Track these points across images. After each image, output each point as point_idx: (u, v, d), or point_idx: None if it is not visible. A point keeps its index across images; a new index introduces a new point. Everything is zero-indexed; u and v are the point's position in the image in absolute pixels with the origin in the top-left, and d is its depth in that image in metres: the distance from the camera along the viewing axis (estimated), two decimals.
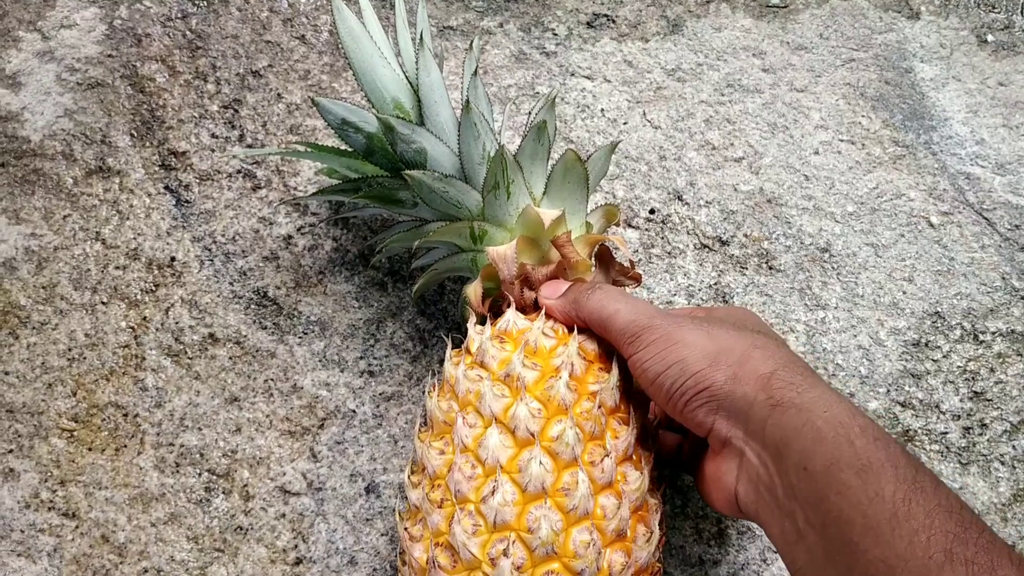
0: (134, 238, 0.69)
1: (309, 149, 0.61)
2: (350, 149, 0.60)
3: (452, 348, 0.56)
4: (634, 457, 0.51)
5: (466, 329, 0.55)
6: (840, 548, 0.40)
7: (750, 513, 0.47)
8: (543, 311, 0.54)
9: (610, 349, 0.53)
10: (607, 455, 0.49)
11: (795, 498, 0.42)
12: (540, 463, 0.48)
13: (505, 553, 0.47)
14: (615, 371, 0.52)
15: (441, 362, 0.65)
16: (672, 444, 0.57)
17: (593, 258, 0.58)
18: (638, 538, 0.50)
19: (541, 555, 0.47)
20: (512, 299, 0.55)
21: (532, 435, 0.49)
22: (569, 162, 0.56)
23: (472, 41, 0.60)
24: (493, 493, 0.48)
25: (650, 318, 0.49)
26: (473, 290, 0.57)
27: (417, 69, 0.57)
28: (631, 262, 0.60)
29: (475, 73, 0.58)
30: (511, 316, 0.54)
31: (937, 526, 0.37)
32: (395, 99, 0.59)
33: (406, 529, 0.52)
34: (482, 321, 0.56)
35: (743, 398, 0.46)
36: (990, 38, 0.77)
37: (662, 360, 0.48)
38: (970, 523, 0.38)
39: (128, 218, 0.70)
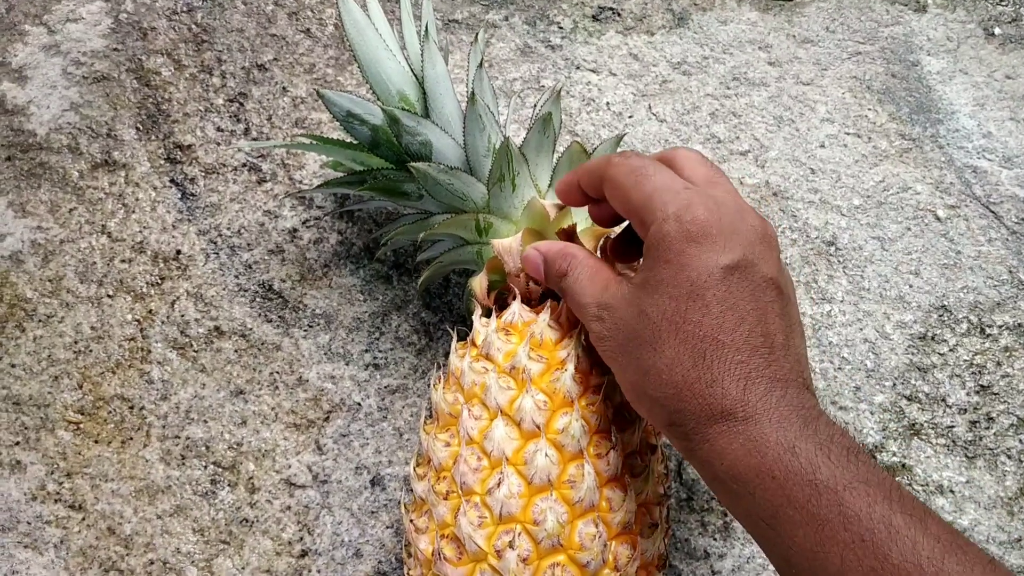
0: (140, 231, 0.69)
1: (314, 142, 0.61)
2: (355, 142, 0.60)
3: (457, 341, 0.56)
4: (641, 450, 0.51)
5: (471, 322, 0.55)
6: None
7: None
8: (548, 304, 0.54)
9: None
10: (613, 448, 0.49)
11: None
12: (546, 455, 0.48)
13: (511, 545, 0.47)
14: None
15: (446, 355, 0.65)
16: None
17: (599, 251, 0.58)
18: (644, 530, 0.50)
19: (547, 547, 0.47)
20: (518, 292, 0.55)
21: (538, 427, 0.49)
22: (575, 154, 0.56)
23: (477, 33, 0.60)
24: (499, 485, 0.48)
25: (592, 320, 0.48)
26: (478, 283, 0.57)
27: (422, 62, 0.56)
28: None
29: (480, 65, 0.57)
30: (516, 309, 0.54)
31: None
32: (400, 92, 0.59)
33: (412, 521, 0.52)
34: (487, 314, 0.56)
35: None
36: (997, 31, 0.77)
37: (616, 371, 0.47)
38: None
39: (134, 211, 0.70)
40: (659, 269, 0.43)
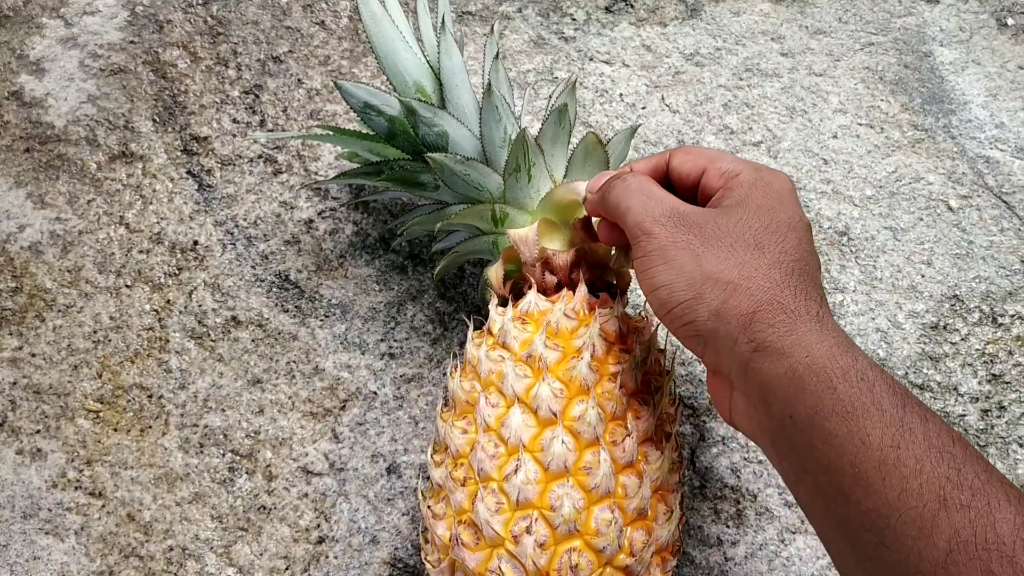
0: (157, 222, 0.70)
1: (331, 133, 0.62)
2: (372, 132, 0.60)
3: (473, 330, 0.56)
4: (655, 438, 0.52)
5: (487, 312, 0.56)
6: (834, 497, 0.39)
7: (752, 439, 0.47)
8: (564, 293, 0.54)
9: (631, 329, 0.54)
10: (628, 435, 0.50)
11: (786, 443, 0.42)
12: (562, 442, 0.48)
13: (528, 531, 0.47)
14: (636, 351, 0.52)
15: (461, 345, 0.66)
16: None
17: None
18: (659, 517, 0.51)
19: (563, 533, 0.48)
20: (534, 281, 0.55)
21: (554, 415, 0.49)
22: (590, 145, 0.56)
23: (493, 25, 0.61)
24: (516, 471, 0.48)
25: (652, 223, 0.48)
26: (494, 272, 0.57)
27: (439, 53, 0.57)
28: None
29: (496, 57, 0.58)
30: (532, 298, 0.54)
31: (928, 471, 0.36)
32: (417, 83, 0.59)
33: (429, 507, 0.53)
34: (503, 303, 0.56)
35: (726, 337, 0.44)
36: (1010, 21, 0.77)
37: (653, 278, 0.47)
38: (964, 462, 0.37)
39: (151, 202, 0.70)
40: (757, 196, 0.48)
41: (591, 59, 0.75)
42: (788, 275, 0.44)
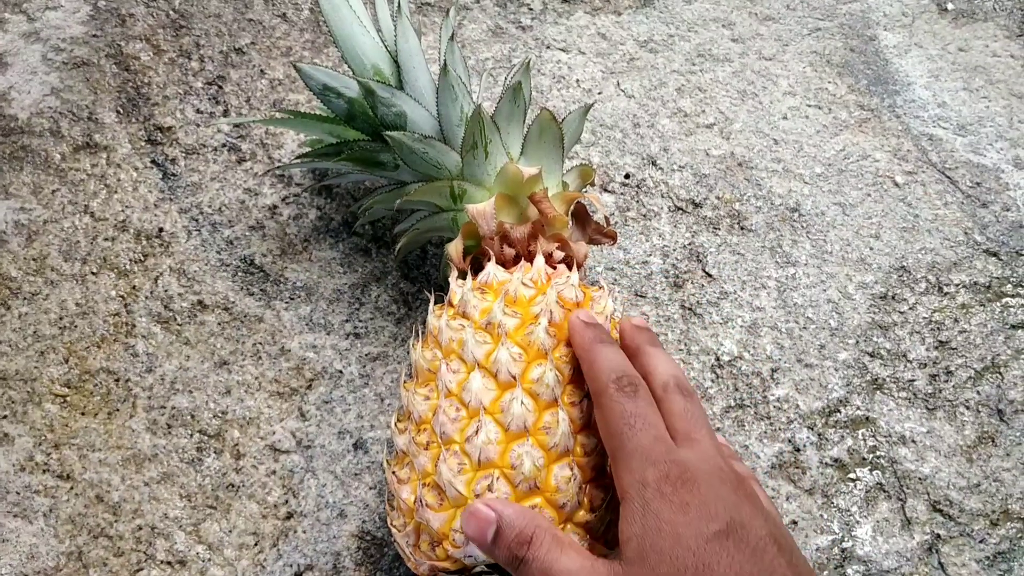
0: (122, 210, 0.70)
1: (291, 117, 0.63)
2: (332, 115, 0.62)
3: (435, 304, 0.58)
4: None
5: (448, 288, 0.57)
6: None
7: None
8: (522, 264, 0.56)
9: (588, 298, 0.55)
10: (585, 396, 0.51)
11: None
12: (522, 403, 0.50)
13: (490, 488, 0.49)
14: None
15: (425, 323, 0.67)
16: None
17: (570, 215, 0.60)
18: None
19: (524, 490, 0.49)
20: (492, 254, 0.57)
21: (513, 378, 0.51)
22: (544, 122, 0.58)
23: (449, 9, 0.62)
24: (477, 433, 0.50)
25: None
26: (454, 247, 0.59)
27: (396, 36, 0.58)
28: (607, 219, 0.62)
29: (452, 38, 0.59)
30: (491, 269, 0.55)
31: None
32: (375, 66, 0.61)
33: (394, 473, 0.54)
34: (463, 276, 0.58)
35: None
36: (950, 6, 0.80)
37: None
38: None
39: (116, 191, 0.71)
40: (652, 539, 0.43)
41: (548, 47, 0.77)
42: None
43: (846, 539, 0.62)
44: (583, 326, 0.52)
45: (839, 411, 0.65)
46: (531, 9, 0.78)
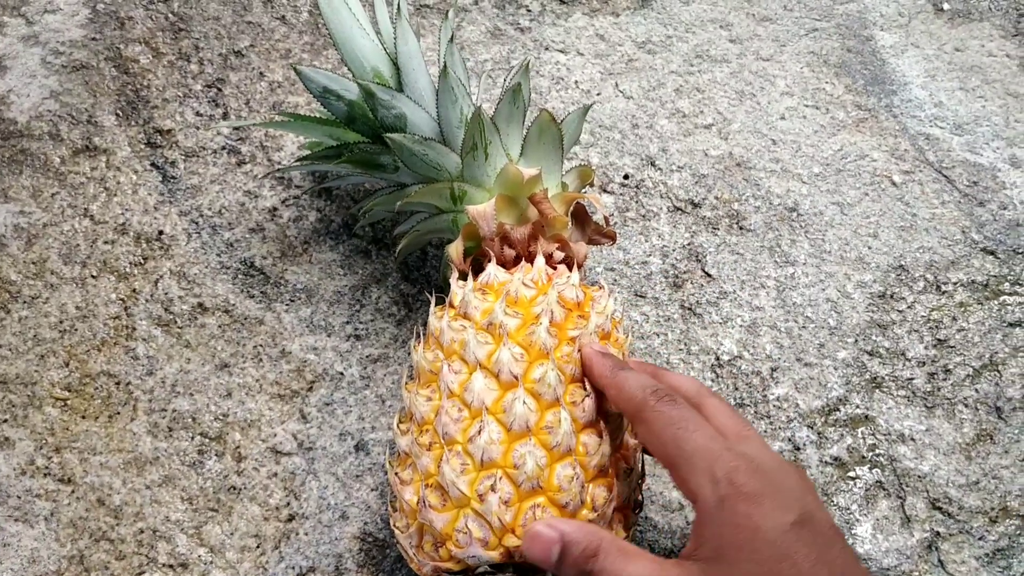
0: (122, 213, 0.70)
1: (291, 120, 0.63)
2: (332, 118, 0.62)
3: (435, 305, 0.58)
4: None
5: (449, 292, 0.57)
6: None
7: None
8: (523, 264, 0.56)
9: (589, 298, 0.56)
10: (588, 396, 0.52)
11: None
12: (524, 403, 0.50)
13: (493, 488, 0.49)
14: (593, 318, 0.54)
15: (425, 324, 0.67)
16: None
17: (570, 216, 0.60)
18: (620, 474, 0.52)
19: (527, 489, 0.49)
20: (493, 255, 0.57)
21: (515, 378, 0.51)
22: (544, 123, 0.58)
23: (448, 11, 0.62)
24: (479, 433, 0.50)
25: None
26: (455, 248, 0.59)
27: (395, 38, 0.59)
28: (606, 220, 0.62)
29: (451, 40, 0.60)
30: (492, 270, 0.56)
31: None
32: (375, 68, 0.61)
33: (396, 474, 0.54)
34: (464, 277, 0.58)
35: None
36: (946, 6, 0.80)
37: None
38: None
39: (115, 194, 0.71)
40: (730, 534, 0.43)
41: (547, 48, 0.77)
42: None
43: (846, 537, 0.62)
44: (600, 356, 0.52)
45: (838, 410, 0.66)
46: (529, 11, 0.79)
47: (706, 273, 0.70)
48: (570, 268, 0.57)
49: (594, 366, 0.52)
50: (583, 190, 0.63)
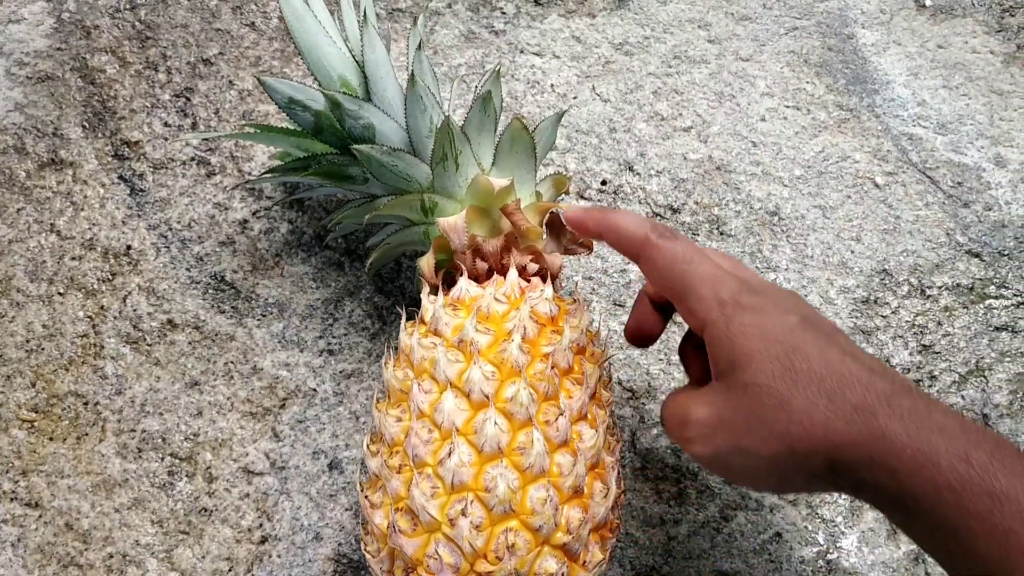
0: (89, 228, 0.69)
1: (257, 131, 0.61)
2: (299, 128, 0.60)
3: (407, 321, 0.56)
4: (589, 416, 0.52)
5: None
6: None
7: None
8: (495, 279, 0.54)
9: (563, 312, 0.54)
10: (561, 414, 0.50)
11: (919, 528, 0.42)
12: (495, 424, 0.49)
13: (463, 513, 0.48)
14: (567, 332, 0.52)
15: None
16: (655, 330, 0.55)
17: (544, 226, 0.59)
18: (595, 494, 0.51)
19: (499, 513, 0.48)
20: (465, 269, 0.56)
21: (487, 397, 0.49)
22: (516, 131, 0.57)
23: (417, 17, 0.61)
24: (450, 455, 0.48)
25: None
26: (426, 262, 0.57)
27: (362, 46, 0.57)
28: None
29: (420, 47, 0.58)
30: (464, 284, 0.54)
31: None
32: (342, 77, 0.59)
33: (367, 497, 0.53)
34: (435, 291, 0.56)
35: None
36: (928, 3, 0.79)
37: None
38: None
39: (82, 209, 0.69)
40: (742, 344, 0.44)
41: (522, 52, 0.76)
42: (834, 398, 0.42)
43: (831, 550, 0.61)
44: (583, 210, 0.53)
45: None
46: (504, 13, 0.77)
47: None
48: (544, 280, 0.56)
49: (583, 219, 0.53)
50: (559, 198, 0.62)
